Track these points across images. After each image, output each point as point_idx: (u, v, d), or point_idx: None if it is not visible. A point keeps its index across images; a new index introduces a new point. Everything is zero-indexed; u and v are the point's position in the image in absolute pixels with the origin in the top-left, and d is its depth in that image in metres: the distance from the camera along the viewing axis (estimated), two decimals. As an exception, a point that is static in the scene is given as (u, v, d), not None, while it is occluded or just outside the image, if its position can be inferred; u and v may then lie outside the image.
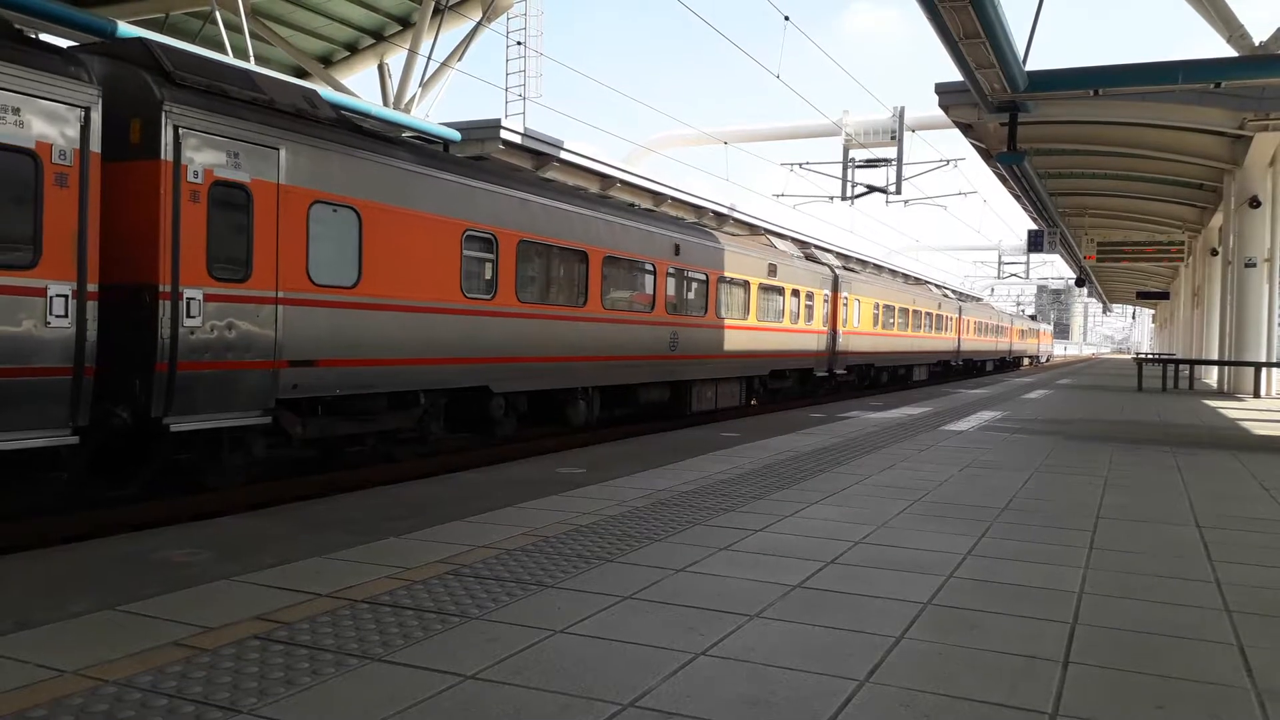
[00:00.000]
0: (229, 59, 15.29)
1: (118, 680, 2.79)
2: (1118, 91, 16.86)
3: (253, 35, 19.27)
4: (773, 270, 19.51)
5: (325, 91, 16.87)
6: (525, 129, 20.96)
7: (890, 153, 27.86)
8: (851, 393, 24.61)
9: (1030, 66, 15.64)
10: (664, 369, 15.27)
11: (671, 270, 15.42)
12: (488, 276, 11.11)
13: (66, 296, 6.73)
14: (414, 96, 22.68)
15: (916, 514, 5.73)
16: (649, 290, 14.93)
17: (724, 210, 30.84)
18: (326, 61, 24.59)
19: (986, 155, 22.44)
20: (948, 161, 29.76)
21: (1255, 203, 20.42)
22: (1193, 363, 26.73)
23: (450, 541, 4.71)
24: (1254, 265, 20.71)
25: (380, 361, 9.46)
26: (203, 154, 7.70)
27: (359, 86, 24.51)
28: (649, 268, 14.83)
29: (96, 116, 6.92)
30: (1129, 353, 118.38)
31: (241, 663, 2.95)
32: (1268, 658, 3.20)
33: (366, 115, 17.33)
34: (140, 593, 3.74)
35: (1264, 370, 20.63)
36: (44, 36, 11.73)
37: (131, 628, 3.28)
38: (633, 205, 19.33)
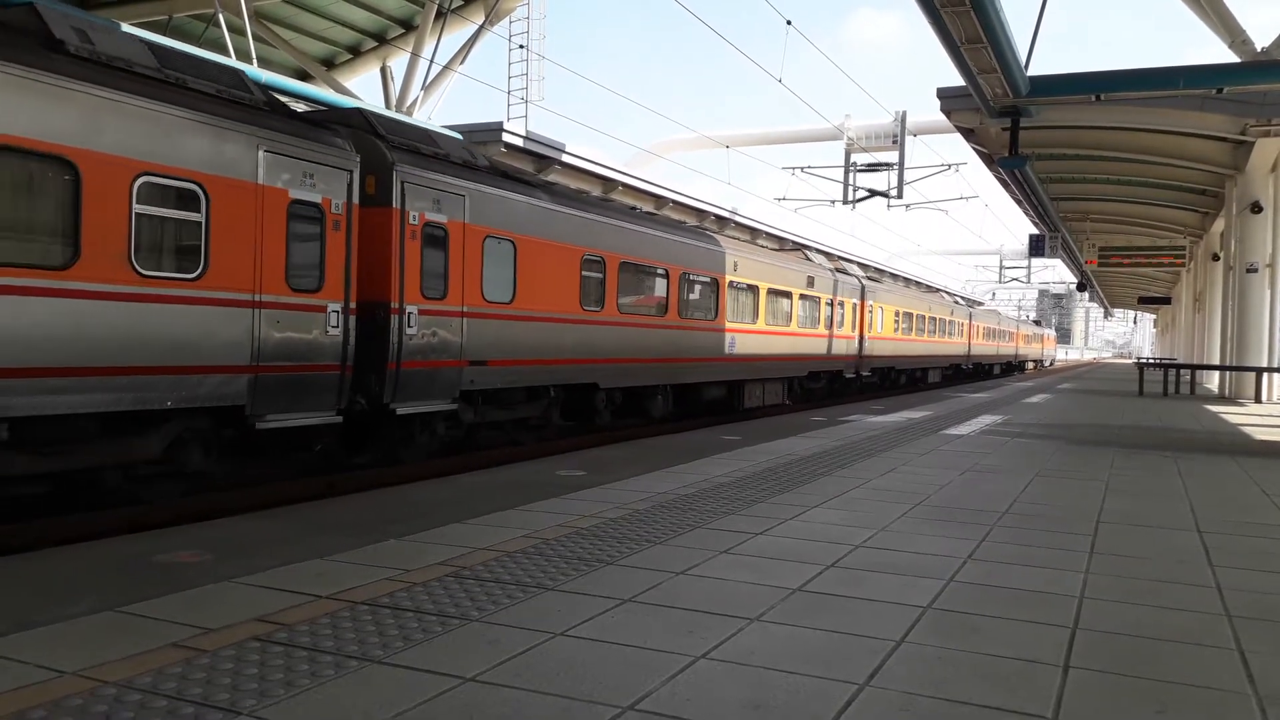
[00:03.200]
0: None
1: (117, 681, 2.79)
2: (1120, 96, 16.87)
3: (255, 38, 19.31)
4: (810, 282, 21.70)
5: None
6: (527, 132, 20.98)
7: (892, 157, 27.87)
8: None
9: (1032, 71, 15.66)
10: (723, 370, 17.42)
11: (730, 284, 17.59)
12: (598, 292, 13.48)
13: (339, 312, 8.98)
14: (416, 99, 22.72)
15: (917, 518, 5.73)
16: (712, 301, 17.08)
17: (726, 214, 30.88)
18: (329, 64, 24.64)
19: (988, 160, 22.46)
20: (949, 166, 29.80)
21: (1257, 208, 20.41)
22: (1194, 368, 26.72)
23: (451, 544, 4.71)
24: (1255, 270, 20.70)
25: (526, 361, 11.79)
26: (417, 202, 9.98)
27: (361, 89, 24.53)
28: (712, 282, 17.01)
29: (357, 176, 9.17)
30: (1130, 357, 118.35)
31: (241, 664, 2.95)
32: (1268, 663, 3.20)
33: None
34: (140, 594, 3.74)
35: (1265, 375, 20.61)
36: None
37: (131, 629, 3.28)
38: (699, 227, 21.76)
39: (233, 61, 12.78)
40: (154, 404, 7.43)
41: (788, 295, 20.36)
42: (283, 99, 14.26)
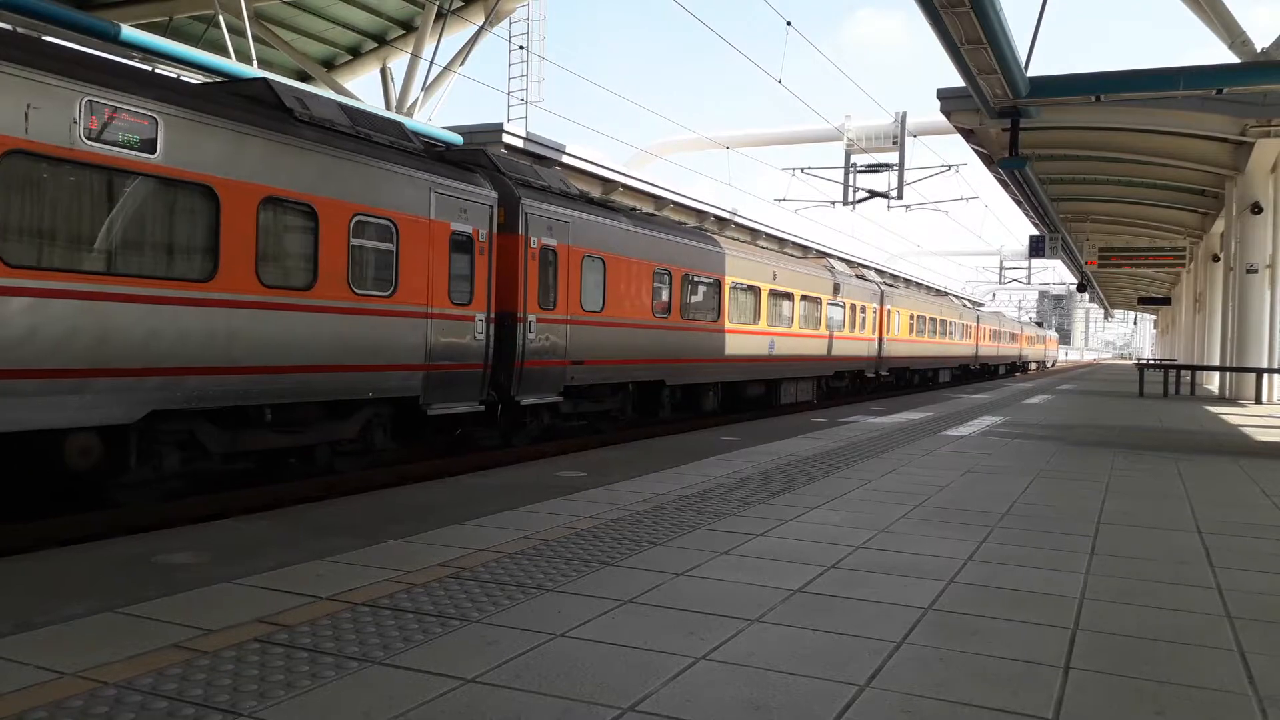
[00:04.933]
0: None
1: (118, 682, 2.78)
2: (1120, 97, 16.87)
3: (255, 39, 19.30)
4: (836, 289, 23.55)
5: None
6: (527, 133, 21.00)
7: (892, 158, 27.83)
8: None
9: (1032, 72, 15.66)
10: (764, 370, 19.44)
11: (770, 291, 19.57)
12: (665, 301, 15.44)
13: (483, 321, 10.99)
14: (416, 100, 22.71)
15: (918, 519, 5.73)
16: (756, 308, 18.95)
17: (726, 215, 30.89)
18: (329, 65, 24.64)
19: (988, 161, 22.45)
20: (949, 167, 29.78)
21: (1257, 209, 20.40)
22: (1194, 368, 26.70)
23: (451, 545, 4.71)
24: (1255, 271, 20.69)
25: (612, 361, 13.83)
26: (536, 229, 12.04)
27: (361, 90, 24.53)
28: (756, 290, 18.95)
29: (495, 209, 11.20)
30: (1131, 358, 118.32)
31: (241, 665, 2.95)
32: (1269, 664, 3.20)
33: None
34: (141, 595, 3.74)
35: (1265, 376, 20.61)
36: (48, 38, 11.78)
37: (132, 630, 3.28)
38: (745, 241, 24.28)
39: (395, 115, 15.12)
40: (360, 394, 9.39)
41: (818, 301, 22.23)
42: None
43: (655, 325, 14.96)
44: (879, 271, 38.77)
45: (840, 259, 33.93)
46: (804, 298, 21.35)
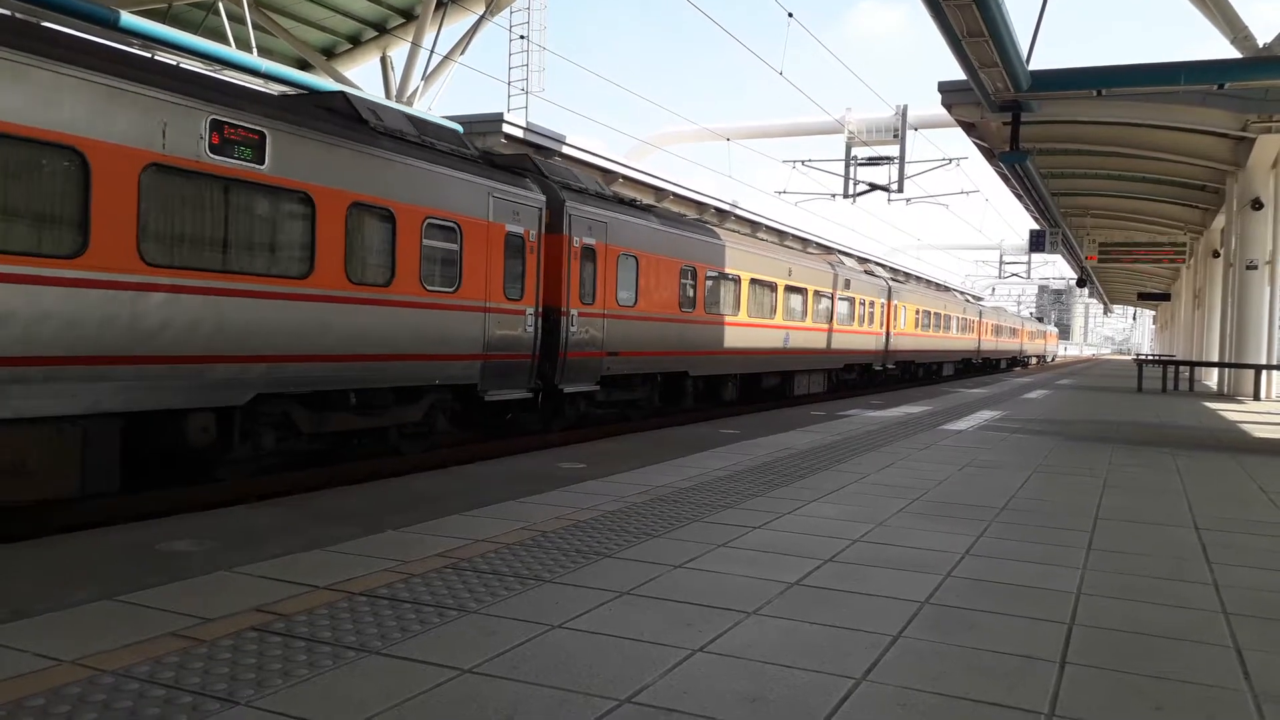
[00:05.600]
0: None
1: (115, 670, 2.79)
2: (1121, 92, 16.83)
3: (255, 26, 19.24)
4: (846, 284, 24.46)
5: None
6: (527, 123, 20.95)
7: (893, 151, 27.78)
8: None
9: (1034, 66, 15.61)
10: (779, 362, 20.31)
11: (786, 287, 20.45)
12: (690, 295, 16.20)
13: (532, 315, 11.81)
14: (416, 89, 22.66)
15: (915, 513, 5.73)
16: (772, 303, 19.82)
17: (726, 207, 30.85)
18: (329, 53, 24.55)
19: (989, 154, 22.41)
20: (950, 160, 29.73)
21: (1257, 204, 20.38)
22: (1193, 364, 26.70)
23: (449, 535, 4.71)
24: (1255, 267, 20.68)
25: (643, 353, 14.65)
26: (578, 229, 12.86)
27: (361, 79, 24.46)
28: (773, 285, 19.84)
29: (543, 211, 12.01)
30: (1129, 354, 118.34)
31: (239, 654, 2.95)
32: (1265, 660, 3.20)
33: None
34: (140, 583, 3.74)
35: (1264, 372, 20.62)
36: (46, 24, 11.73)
37: (130, 618, 3.28)
38: (762, 239, 25.38)
39: (449, 123, 15.92)
40: (427, 381, 10.24)
41: (830, 296, 23.16)
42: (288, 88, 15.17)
43: (681, 319, 15.83)
44: (885, 267, 39.46)
45: (849, 254, 35.10)
46: (816, 293, 22.22)
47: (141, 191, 7.17)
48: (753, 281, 18.74)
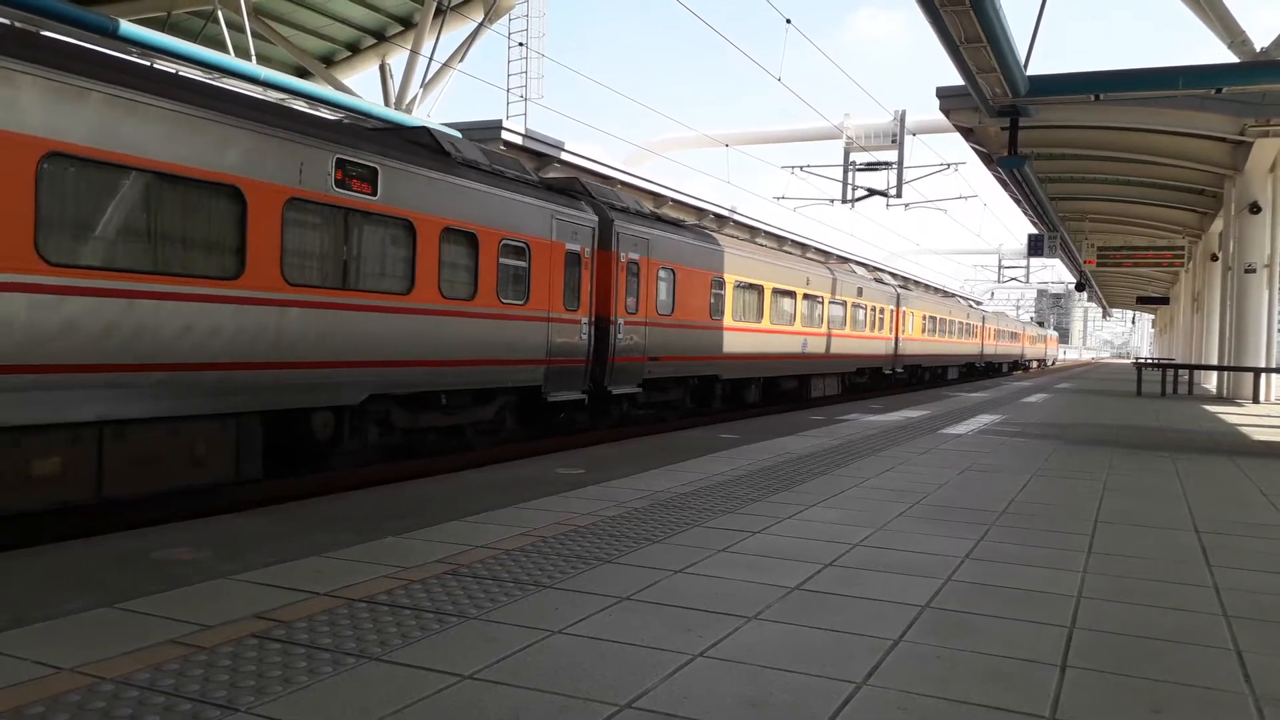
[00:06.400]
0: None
1: (115, 678, 2.78)
2: (1119, 96, 16.86)
3: (254, 34, 19.26)
4: (860, 291, 25.74)
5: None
6: (526, 130, 20.95)
7: (891, 156, 27.84)
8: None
9: (1031, 71, 15.64)
10: (798, 366, 21.59)
11: (804, 295, 21.66)
12: (720, 305, 17.44)
13: (587, 324, 13.10)
14: (415, 97, 22.68)
15: (915, 517, 5.73)
16: (792, 310, 21.08)
17: (725, 213, 30.88)
18: (328, 61, 24.59)
19: (987, 159, 22.45)
20: (948, 165, 29.78)
21: (1255, 208, 20.41)
22: (1192, 368, 26.70)
23: (449, 541, 4.71)
24: (1254, 271, 20.70)
25: (679, 358, 15.87)
26: (624, 245, 14.16)
27: (360, 86, 24.49)
28: (793, 294, 21.07)
29: (596, 231, 13.40)
30: (1129, 357, 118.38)
31: (239, 661, 2.95)
32: (1265, 662, 3.20)
33: (368, 115, 17.38)
34: (139, 590, 3.74)
35: (1263, 376, 20.62)
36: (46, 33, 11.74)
37: (129, 625, 3.27)
38: (782, 250, 26.78)
39: (508, 152, 17.07)
40: (500, 384, 11.47)
41: (844, 304, 24.38)
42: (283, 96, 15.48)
43: (712, 326, 17.13)
44: (886, 272, 40.88)
45: (861, 263, 36.43)
46: (832, 301, 23.51)
47: (284, 222, 8.41)
48: (775, 291, 19.99)
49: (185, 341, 7.51)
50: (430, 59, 22.22)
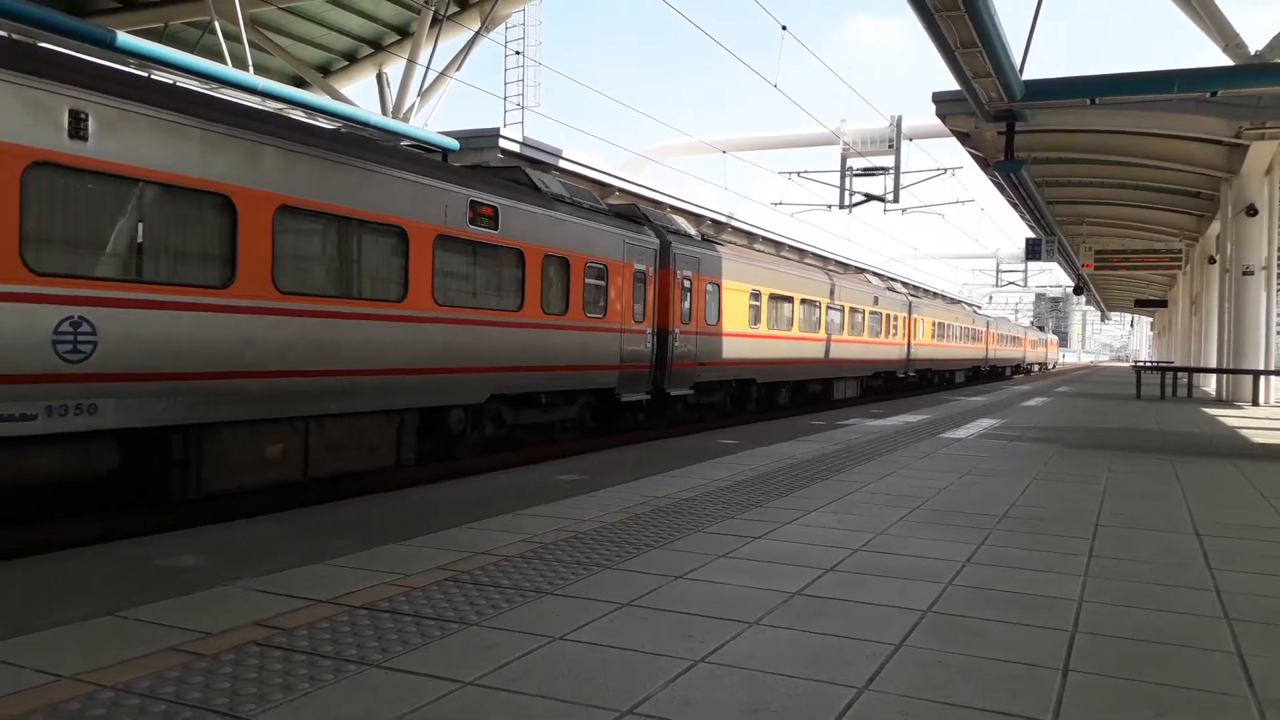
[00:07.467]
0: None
1: (115, 685, 2.78)
2: (1114, 100, 16.88)
3: (252, 45, 19.29)
4: (876, 300, 27.66)
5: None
6: (524, 138, 20.99)
7: (888, 161, 27.88)
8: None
9: (1027, 75, 15.67)
10: (823, 370, 23.46)
11: (827, 305, 23.69)
12: (757, 314, 19.46)
13: (650, 334, 15.05)
14: (413, 105, 22.70)
15: (915, 521, 5.73)
16: (817, 318, 23.00)
17: (722, 219, 30.92)
18: (325, 71, 24.60)
19: (984, 164, 22.47)
20: (945, 170, 29.82)
21: (1252, 211, 20.44)
22: (1191, 370, 26.70)
23: (450, 548, 4.71)
24: (1251, 273, 20.72)
25: (723, 363, 17.69)
26: (679, 265, 16.11)
27: (357, 96, 24.56)
28: (818, 304, 23.07)
29: (657, 253, 15.35)
30: (1127, 361, 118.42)
31: (240, 669, 2.94)
32: (1267, 666, 3.20)
33: (365, 124, 17.41)
34: (140, 598, 3.73)
35: (1262, 378, 20.63)
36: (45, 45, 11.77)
37: (130, 633, 3.27)
38: (809, 263, 28.75)
39: (578, 181, 19.12)
40: (585, 386, 13.41)
41: (862, 312, 26.24)
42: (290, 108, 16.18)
43: (750, 335, 18.98)
44: (904, 283, 42.90)
45: (875, 273, 38.91)
46: (852, 309, 25.34)
47: (434, 254, 10.29)
48: (803, 301, 22.00)
49: (364, 352, 9.29)
50: (427, 68, 22.24)
